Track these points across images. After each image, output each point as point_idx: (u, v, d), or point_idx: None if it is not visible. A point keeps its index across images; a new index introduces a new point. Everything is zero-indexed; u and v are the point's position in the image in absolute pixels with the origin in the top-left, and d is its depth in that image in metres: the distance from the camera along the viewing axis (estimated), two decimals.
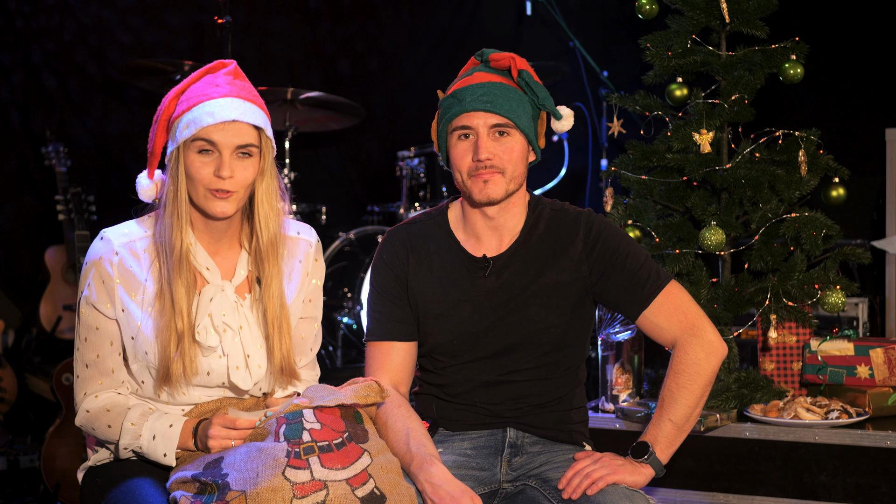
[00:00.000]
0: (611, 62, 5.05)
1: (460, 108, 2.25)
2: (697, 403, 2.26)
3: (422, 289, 2.34)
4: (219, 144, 2.08)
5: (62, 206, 4.41)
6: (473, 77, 2.29)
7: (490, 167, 2.24)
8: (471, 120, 2.25)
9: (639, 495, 2.15)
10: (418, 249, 2.37)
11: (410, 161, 4.87)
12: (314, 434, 2.00)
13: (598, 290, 2.32)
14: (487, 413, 2.32)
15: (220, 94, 2.10)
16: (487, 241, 2.34)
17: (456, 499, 2.08)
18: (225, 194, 2.09)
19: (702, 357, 2.25)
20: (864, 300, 3.59)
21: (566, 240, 2.32)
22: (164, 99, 2.16)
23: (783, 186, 3.05)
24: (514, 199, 2.32)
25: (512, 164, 2.26)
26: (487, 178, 2.25)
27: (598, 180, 5.01)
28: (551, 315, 2.29)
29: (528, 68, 2.31)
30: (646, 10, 3.20)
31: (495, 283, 2.31)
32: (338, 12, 5.65)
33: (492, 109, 2.23)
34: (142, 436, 2.11)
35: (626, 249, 2.31)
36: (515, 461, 2.29)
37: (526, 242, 2.33)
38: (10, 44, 5.09)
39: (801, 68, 3.07)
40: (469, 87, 2.26)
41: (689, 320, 2.28)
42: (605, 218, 2.37)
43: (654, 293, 2.29)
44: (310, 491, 1.94)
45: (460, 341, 2.31)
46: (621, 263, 2.29)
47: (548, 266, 2.31)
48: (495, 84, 2.26)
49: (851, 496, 2.83)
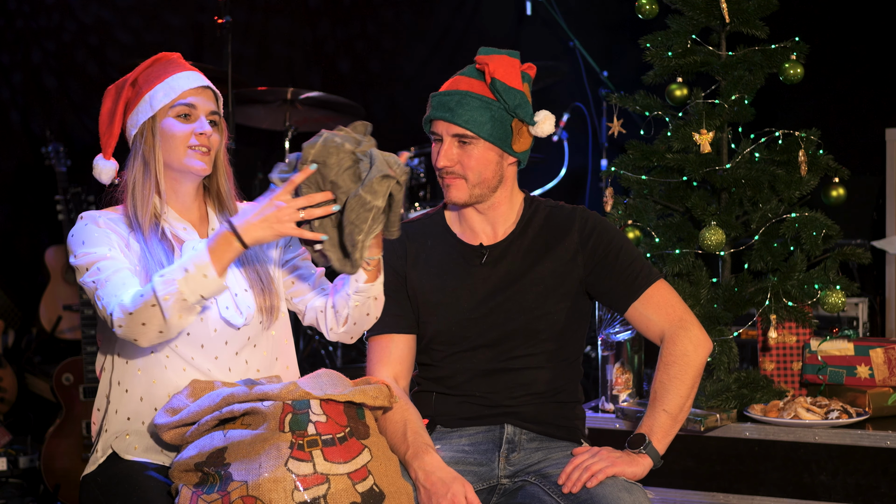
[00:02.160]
0: (611, 62, 5.05)
1: (430, 115, 2.35)
2: (689, 394, 2.30)
3: (420, 279, 2.39)
4: (197, 107, 2.25)
5: (62, 206, 4.41)
6: (450, 82, 2.36)
7: (450, 173, 2.32)
8: (436, 127, 2.34)
9: (637, 488, 2.17)
10: (415, 245, 2.43)
11: (410, 161, 4.87)
12: (319, 427, 2.01)
13: (590, 280, 2.37)
14: (487, 403, 2.34)
15: (184, 68, 2.29)
16: (483, 232, 2.40)
17: (447, 484, 2.11)
18: (205, 152, 2.25)
19: (690, 349, 2.30)
20: (864, 300, 3.59)
21: (562, 232, 2.37)
22: (110, 89, 2.29)
23: (783, 186, 3.06)
24: (497, 198, 2.37)
25: (474, 170, 2.32)
26: (450, 182, 2.34)
27: (598, 180, 5.00)
28: (548, 302, 2.33)
29: (505, 73, 2.32)
30: (646, 10, 3.20)
31: (492, 271, 2.36)
32: (338, 12, 5.65)
33: (450, 119, 2.30)
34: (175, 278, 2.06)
35: (619, 244, 2.37)
36: (513, 457, 2.30)
37: (522, 234, 2.38)
38: (10, 44, 5.09)
39: (801, 68, 3.07)
40: (438, 94, 2.34)
41: (677, 314, 2.35)
42: (599, 214, 2.43)
43: (645, 286, 2.35)
44: (312, 484, 1.94)
45: (459, 328, 2.35)
46: (614, 256, 2.35)
47: (544, 256, 2.36)
48: (461, 92, 2.31)
49: (851, 496, 2.83)
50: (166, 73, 2.27)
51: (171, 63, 2.30)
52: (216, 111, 2.29)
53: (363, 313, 2.28)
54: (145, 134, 2.25)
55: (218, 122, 2.30)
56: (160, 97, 2.24)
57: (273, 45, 5.48)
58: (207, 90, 2.28)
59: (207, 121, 2.26)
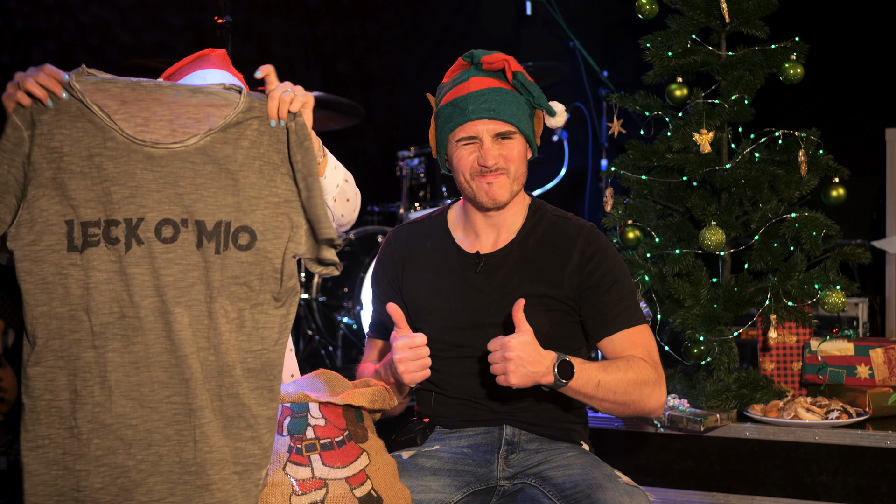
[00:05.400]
0: (611, 62, 5.05)
1: (463, 118, 2.27)
2: (623, 399, 2.20)
3: (415, 287, 2.38)
4: None
5: None
6: (470, 83, 2.30)
7: (495, 171, 2.28)
8: (475, 128, 2.27)
9: (639, 492, 2.15)
10: (415, 249, 2.40)
11: (410, 161, 4.87)
12: (318, 431, 2.01)
13: (578, 302, 2.32)
14: (484, 408, 2.33)
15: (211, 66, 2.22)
16: (485, 238, 2.37)
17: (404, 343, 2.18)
18: None
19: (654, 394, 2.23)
20: (864, 300, 3.60)
21: (562, 252, 2.32)
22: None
23: (783, 186, 3.06)
24: (515, 198, 2.35)
25: (514, 164, 2.29)
26: (492, 179, 2.27)
27: (598, 180, 5.01)
28: (539, 321, 2.27)
29: (520, 69, 2.33)
30: (646, 10, 3.20)
31: (486, 282, 2.33)
32: (338, 12, 5.65)
33: (495, 117, 2.26)
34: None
35: (615, 277, 2.31)
36: (512, 458, 2.29)
37: (522, 244, 2.35)
38: (10, 44, 5.10)
39: (801, 68, 3.07)
40: (470, 96, 2.28)
41: (653, 359, 2.27)
42: (607, 238, 2.37)
43: (624, 326, 2.28)
44: (310, 488, 1.94)
45: (450, 336, 2.33)
46: (605, 288, 2.29)
47: (539, 273, 2.32)
48: (495, 90, 2.28)
49: (851, 496, 2.83)
50: (191, 69, 2.22)
51: (203, 60, 2.25)
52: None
53: (343, 201, 2.16)
54: None
55: None
56: None
57: (273, 45, 5.48)
58: None
59: None
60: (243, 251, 1.85)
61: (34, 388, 1.84)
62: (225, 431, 1.83)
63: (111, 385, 1.82)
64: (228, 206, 1.85)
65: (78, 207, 1.82)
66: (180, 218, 1.83)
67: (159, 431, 1.82)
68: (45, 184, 1.82)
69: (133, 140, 1.84)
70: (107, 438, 1.81)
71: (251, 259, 1.86)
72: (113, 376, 1.81)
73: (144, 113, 1.86)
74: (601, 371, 2.19)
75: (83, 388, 1.82)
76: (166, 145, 1.85)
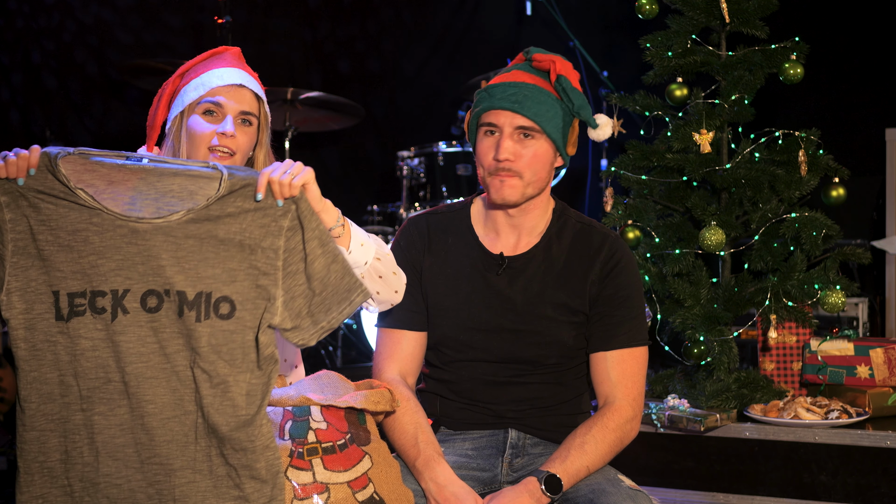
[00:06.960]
0: (611, 62, 5.05)
1: (489, 105, 2.25)
2: (610, 457, 2.24)
3: (435, 281, 2.33)
4: (224, 107, 2.17)
5: None
6: (510, 75, 2.28)
7: (508, 169, 2.23)
8: (497, 118, 2.24)
9: (642, 495, 2.14)
10: (436, 241, 2.36)
11: (410, 161, 4.87)
12: (319, 434, 2.00)
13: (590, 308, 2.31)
14: (490, 413, 2.32)
15: (226, 64, 2.21)
16: (506, 239, 2.33)
17: (461, 500, 2.10)
18: (225, 155, 2.17)
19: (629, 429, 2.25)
20: (864, 300, 3.60)
21: (587, 259, 2.30)
22: (169, 79, 2.23)
23: (783, 186, 3.06)
24: (535, 202, 2.30)
25: (532, 168, 2.24)
26: (504, 179, 2.24)
27: (598, 180, 5.01)
28: (561, 331, 2.27)
29: (568, 74, 2.28)
30: (646, 10, 3.20)
31: (508, 285, 2.30)
32: (338, 12, 5.65)
33: (518, 110, 2.22)
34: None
35: (629, 293, 2.29)
36: (517, 462, 2.29)
37: (546, 249, 2.31)
38: (10, 44, 5.09)
39: (801, 68, 3.07)
40: (501, 85, 2.25)
41: (634, 392, 2.27)
42: (629, 250, 2.35)
43: (624, 345, 2.27)
44: (311, 493, 1.93)
45: (466, 336, 2.30)
46: (617, 303, 2.28)
47: (563, 281, 2.29)
48: (528, 85, 2.24)
49: (851, 496, 2.83)
50: (206, 68, 2.20)
51: (218, 58, 2.23)
52: (250, 112, 2.19)
53: (375, 278, 2.16)
54: (174, 129, 2.19)
55: (253, 122, 2.21)
56: (191, 93, 2.17)
57: (273, 45, 5.48)
58: (242, 89, 2.19)
59: (238, 121, 2.17)
60: (224, 320, 1.92)
61: (28, 452, 1.91)
62: (215, 491, 1.91)
63: (98, 446, 1.90)
64: (209, 278, 1.92)
65: (64, 279, 1.89)
66: (163, 289, 1.90)
67: (142, 491, 1.91)
68: (33, 254, 1.89)
69: (118, 216, 1.90)
70: (96, 497, 1.91)
71: (232, 328, 1.92)
72: (100, 438, 1.90)
73: (131, 193, 1.93)
74: (584, 456, 2.18)
75: (73, 449, 1.91)
76: (150, 220, 1.91)
